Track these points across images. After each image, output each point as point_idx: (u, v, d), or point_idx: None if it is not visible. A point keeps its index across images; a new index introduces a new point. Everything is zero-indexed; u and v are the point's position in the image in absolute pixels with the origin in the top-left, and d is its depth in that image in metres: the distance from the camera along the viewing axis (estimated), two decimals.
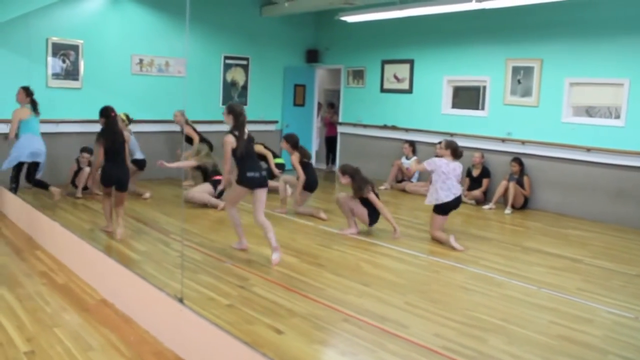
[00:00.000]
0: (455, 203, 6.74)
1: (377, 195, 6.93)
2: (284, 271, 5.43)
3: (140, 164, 8.72)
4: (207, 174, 8.44)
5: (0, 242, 6.19)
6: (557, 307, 4.79)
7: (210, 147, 9.12)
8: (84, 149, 8.57)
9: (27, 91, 7.65)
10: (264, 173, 5.87)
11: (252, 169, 5.67)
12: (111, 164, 6.39)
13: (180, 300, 3.77)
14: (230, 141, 5.55)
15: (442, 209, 6.69)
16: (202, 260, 5.66)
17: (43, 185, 7.76)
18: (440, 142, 6.92)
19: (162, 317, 3.92)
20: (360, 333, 4.10)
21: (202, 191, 8.21)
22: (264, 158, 9.12)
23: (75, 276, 5.13)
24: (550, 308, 4.77)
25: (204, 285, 4.92)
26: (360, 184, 6.87)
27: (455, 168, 6.71)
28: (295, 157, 7.95)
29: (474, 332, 4.19)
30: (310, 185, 8.06)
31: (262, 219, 5.70)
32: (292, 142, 8.02)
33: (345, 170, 7.01)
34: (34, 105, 7.67)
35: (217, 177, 8.20)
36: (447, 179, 6.61)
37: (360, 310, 4.51)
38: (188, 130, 9.41)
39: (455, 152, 6.79)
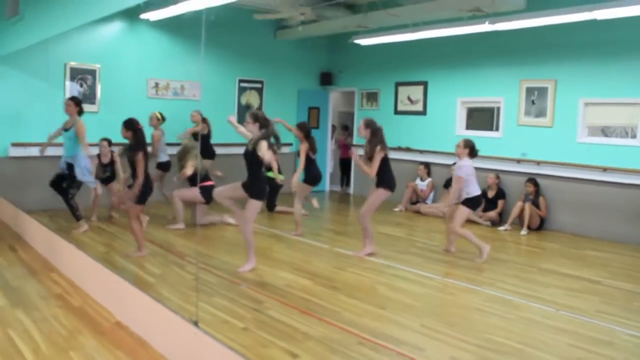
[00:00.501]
0: (481, 199, 7.13)
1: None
2: (299, 294, 5.40)
3: (165, 167, 8.78)
4: (195, 179, 8.12)
5: (17, 264, 6.23)
6: (576, 330, 4.72)
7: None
8: (104, 139, 8.41)
9: (75, 101, 7.54)
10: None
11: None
12: (147, 179, 6.36)
13: (195, 324, 3.76)
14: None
15: (473, 203, 6.92)
16: (216, 282, 5.65)
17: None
18: (458, 143, 7.01)
19: (177, 340, 3.91)
20: (376, 356, 4.06)
21: (192, 196, 8.08)
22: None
23: (91, 299, 5.14)
24: (569, 331, 4.70)
25: (219, 308, 4.91)
26: (377, 143, 6.74)
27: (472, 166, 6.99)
28: (304, 147, 7.93)
29: (491, 356, 4.13)
30: (313, 179, 8.07)
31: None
32: (305, 130, 8.03)
33: (369, 124, 6.83)
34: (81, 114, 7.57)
35: (208, 183, 8.03)
36: (473, 176, 6.89)
37: (376, 333, 4.48)
38: (204, 126, 9.48)
39: (473, 151, 6.95)
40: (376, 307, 5.11)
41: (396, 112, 11.29)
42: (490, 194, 9.36)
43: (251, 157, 5.88)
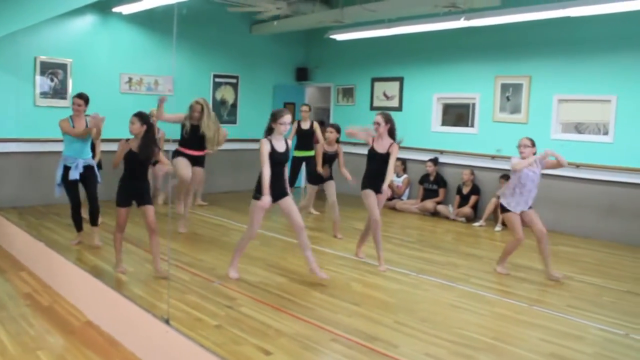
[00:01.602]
0: None
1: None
2: (273, 291, 5.37)
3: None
4: None
5: None
6: (548, 325, 4.75)
7: None
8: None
9: (84, 99, 6.69)
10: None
11: None
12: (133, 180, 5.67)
13: (167, 322, 3.71)
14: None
15: None
16: (190, 280, 5.59)
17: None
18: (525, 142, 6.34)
19: (148, 338, 3.86)
20: (350, 353, 4.04)
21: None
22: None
23: (61, 298, 5.06)
24: (541, 325, 4.74)
25: (192, 306, 4.85)
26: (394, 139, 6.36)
27: None
28: (321, 146, 8.08)
29: (465, 351, 4.14)
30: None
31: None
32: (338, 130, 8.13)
33: (389, 119, 6.33)
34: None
35: None
36: None
37: (350, 329, 4.46)
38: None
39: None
40: (350, 303, 5.10)
41: (372, 107, 11.28)
42: (465, 190, 9.41)
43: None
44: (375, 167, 6.28)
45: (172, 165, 7.11)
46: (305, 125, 8.76)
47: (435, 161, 9.94)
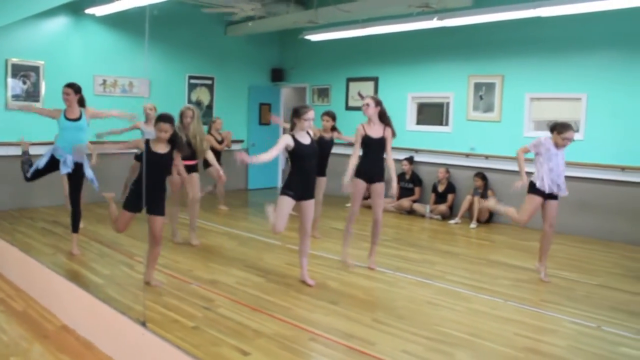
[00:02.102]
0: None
1: None
2: (251, 291, 5.37)
3: None
4: None
5: None
6: (523, 320, 4.83)
7: None
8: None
9: (74, 88, 6.32)
10: None
11: None
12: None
13: (143, 324, 3.69)
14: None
15: None
16: (166, 282, 5.56)
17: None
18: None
19: (125, 341, 3.83)
20: (327, 352, 4.07)
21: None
22: None
23: (35, 302, 4.99)
24: (515, 320, 4.81)
25: (169, 308, 4.83)
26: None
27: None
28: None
29: (441, 347, 4.19)
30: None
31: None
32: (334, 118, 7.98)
33: (379, 103, 6.38)
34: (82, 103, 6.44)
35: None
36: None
37: (327, 328, 4.48)
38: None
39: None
40: (328, 302, 5.12)
41: (347, 107, 11.33)
42: (441, 188, 9.50)
43: None
44: (370, 155, 6.13)
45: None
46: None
47: (410, 160, 10.01)
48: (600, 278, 6.18)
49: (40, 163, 6.29)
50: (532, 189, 6.05)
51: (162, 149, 5.33)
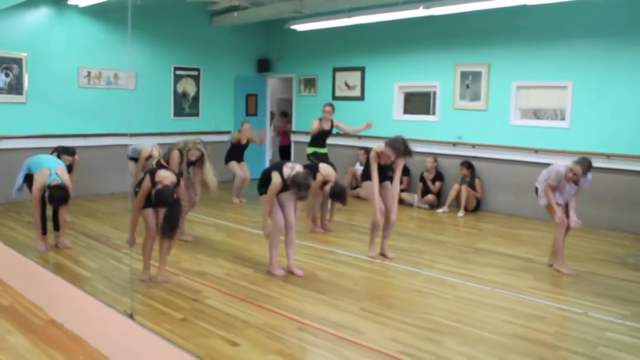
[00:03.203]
0: None
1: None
2: (239, 282, 5.36)
3: None
4: None
5: None
6: (511, 307, 4.86)
7: None
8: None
9: None
10: None
11: None
12: None
13: (131, 316, 3.68)
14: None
15: None
16: (154, 274, 5.53)
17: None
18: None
19: (113, 334, 3.82)
20: (316, 341, 4.07)
21: None
22: None
23: (22, 297, 4.95)
24: (504, 307, 4.84)
25: (157, 300, 4.82)
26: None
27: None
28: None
29: (430, 335, 4.21)
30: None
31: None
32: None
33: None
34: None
35: None
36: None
37: (316, 318, 4.49)
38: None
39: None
40: (316, 292, 5.12)
41: (334, 97, 11.29)
42: (428, 177, 9.52)
43: None
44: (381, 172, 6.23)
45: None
46: (327, 126, 8.62)
47: None
48: (586, 264, 6.23)
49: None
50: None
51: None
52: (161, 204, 5.10)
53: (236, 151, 9.70)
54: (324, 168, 7.21)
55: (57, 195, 5.88)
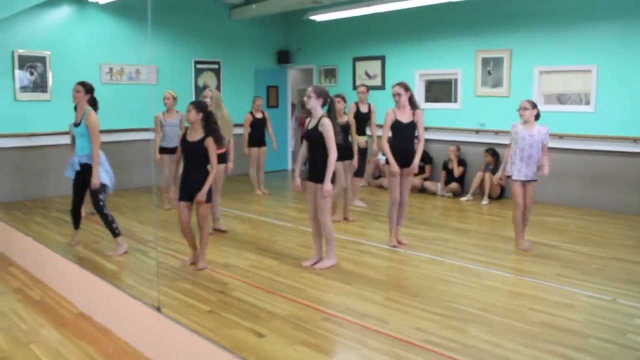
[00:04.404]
0: None
1: None
2: (264, 274, 5.40)
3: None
4: None
5: None
6: (537, 294, 4.82)
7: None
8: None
9: (87, 88, 6.03)
10: None
11: None
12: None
13: (158, 309, 3.73)
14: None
15: None
16: (180, 267, 5.60)
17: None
18: (524, 105, 6.15)
19: (141, 327, 3.88)
20: (342, 331, 4.09)
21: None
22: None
23: (52, 291, 5.06)
24: (530, 295, 4.81)
25: (184, 293, 4.88)
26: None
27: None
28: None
29: (455, 324, 4.20)
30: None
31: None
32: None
33: (408, 88, 6.27)
34: (95, 108, 6.11)
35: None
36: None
37: (341, 308, 4.50)
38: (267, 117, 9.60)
39: (539, 113, 6.19)
40: (341, 282, 5.14)
41: (355, 87, 11.25)
42: (452, 165, 9.46)
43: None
44: (402, 140, 6.13)
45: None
46: (364, 109, 8.19)
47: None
48: (613, 251, 6.15)
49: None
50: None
51: (195, 136, 5.38)
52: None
53: (254, 132, 9.42)
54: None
55: None
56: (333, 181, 5.42)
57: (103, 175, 5.99)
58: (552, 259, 5.85)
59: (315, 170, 5.40)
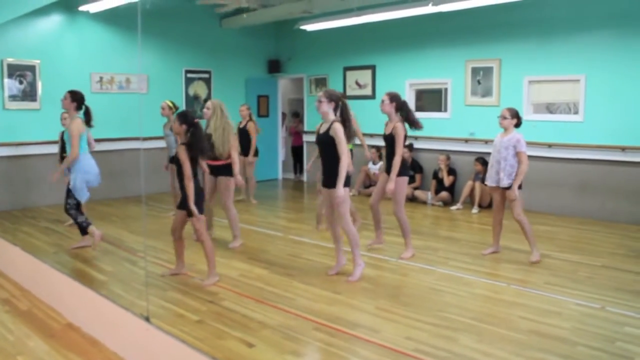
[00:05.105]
0: None
1: None
2: (254, 283, 5.38)
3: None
4: None
5: None
6: (526, 303, 4.83)
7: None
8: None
9: (74, 96, 6.25)
10: None
11: None
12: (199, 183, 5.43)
13: (147, 319, 3.70)
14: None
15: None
16: (170, 276, 5.57)
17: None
18: (502, 113, 6.18)
19: (129, 337, 3.85)
20: (332, 341, 4.07)
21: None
22: None
23: (40, 301, 5.01)
24: (519, 304, 4.82)
25: (173, 302, 4.85)
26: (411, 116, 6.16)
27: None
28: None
29: (445, 333, 4.20)
30: None
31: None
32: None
33: (394, 98, 6.22)
34: (87, 115, 6.33)
35: None
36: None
37: (332, 317, 4.49)
38: (251, 126, 9.36)
39: (520, 121, 6.21)
40: (331, 292, 5.13)
41: (345, 97, 11.28)
42: (442, 174, 9.48)
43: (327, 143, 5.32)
44: (387, 151, 6.20)
45: None
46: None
47: (410, 147, 9.99)
48: (603, 259, 6.18)
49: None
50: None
51: (180, 149, 5.28)
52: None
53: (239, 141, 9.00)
54: None
55: None
56: (347, 184, 5.36)
57: (79, 178, 6.17)
58: (542, 267, 5.87)
59: (328, 176, 5.38)
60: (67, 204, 6.30)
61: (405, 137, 6.14)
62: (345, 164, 5.24)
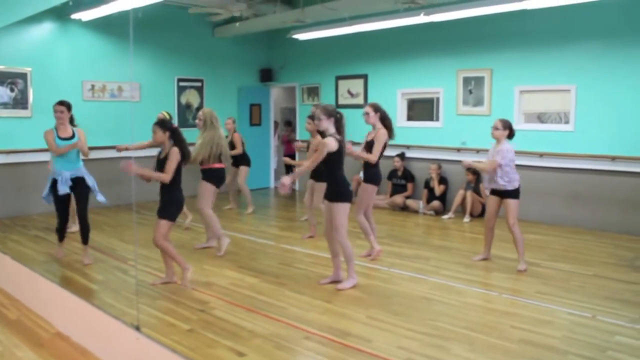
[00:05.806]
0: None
1: None
2: (245, 292, 5.36)
3: None
4: None
5: None
6: (518, 312, 4.84)
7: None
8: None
9: (68, 106, 6.37)
10: None
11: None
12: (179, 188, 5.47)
13: (137, 328, 3.68)
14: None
15: (518, 194, 6.23)
16: (161, 285, 5.54)
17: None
18: (495, 124, 6.22)
19: (119, 346, 3.82)
20: (323, 350, 4.06)
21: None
22: None
23: (29, 310, 4.97)
24: (511, 313, 4.82)
25: (164, 311, 4.82)
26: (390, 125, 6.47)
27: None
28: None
29: (437, 342, 4.19)
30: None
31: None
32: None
33: (378, 108, 6.49)
34: (70, 121, 6.47)
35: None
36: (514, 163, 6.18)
37: (323, 327, 4.48)
38: (236, 138, 9.34)
39: (512, 132, 6.26)
40: (322, 301, 5.12)
41: (337, 105, 11.29)
42: (433, 183, 9.50)
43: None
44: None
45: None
46: None
47: (402, 156, 10.02)
48: (594, 268, 6.20)
49: (45, 189, 6.28)
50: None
51: (163, 154, 5.41)
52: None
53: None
54: None
55: None
56: (349, 199, 5.42)
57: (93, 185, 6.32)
58: (533, 276, 5.89)
59: (329, 189, 5.46)
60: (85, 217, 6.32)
61: (386, 145, 6.41)
62: (309, 165, 5.43)
